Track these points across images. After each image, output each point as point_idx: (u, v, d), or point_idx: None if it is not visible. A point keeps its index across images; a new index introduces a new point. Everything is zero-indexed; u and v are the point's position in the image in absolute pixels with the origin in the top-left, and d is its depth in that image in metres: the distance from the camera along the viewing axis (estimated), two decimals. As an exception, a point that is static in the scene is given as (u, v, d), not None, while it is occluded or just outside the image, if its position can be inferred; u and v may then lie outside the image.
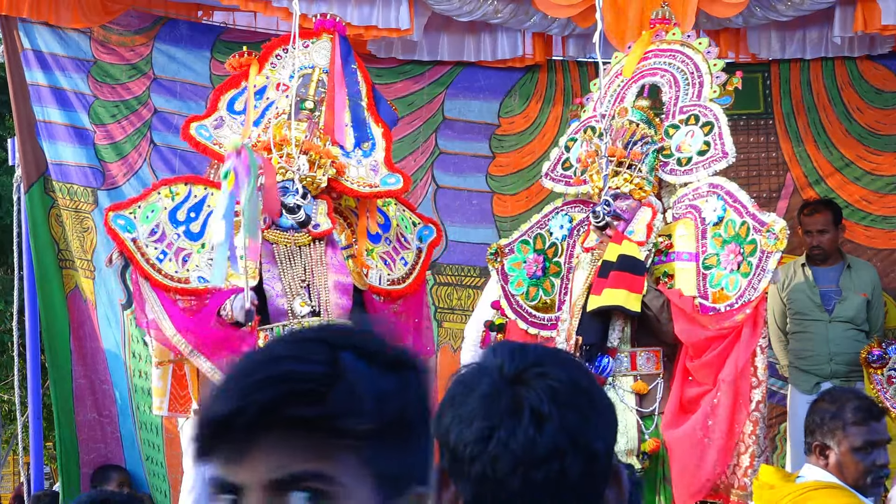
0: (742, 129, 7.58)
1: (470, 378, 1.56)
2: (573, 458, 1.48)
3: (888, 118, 7.46)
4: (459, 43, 7.56)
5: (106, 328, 7.05)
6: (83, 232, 7.09)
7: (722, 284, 5.06)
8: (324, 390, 1.20)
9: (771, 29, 7.35)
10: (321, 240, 5.44)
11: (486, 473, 1.49)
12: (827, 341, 6.72)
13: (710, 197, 5.18)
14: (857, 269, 6.92)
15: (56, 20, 6.99)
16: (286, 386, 1.20)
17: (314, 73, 5.68)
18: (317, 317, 5.29)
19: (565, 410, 1.49)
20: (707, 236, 5.13)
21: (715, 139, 5.35)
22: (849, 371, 6.72)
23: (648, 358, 5.28)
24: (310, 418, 1.19)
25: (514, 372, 1.53)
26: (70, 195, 7.11)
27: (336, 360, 1.23)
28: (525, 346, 1.60)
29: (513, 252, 5.69)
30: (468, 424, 1.51)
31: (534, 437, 1.48)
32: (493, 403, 1.51)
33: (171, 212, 5.33)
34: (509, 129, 7.72)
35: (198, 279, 5.30)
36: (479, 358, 1.60)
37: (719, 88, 5.48)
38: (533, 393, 1.50)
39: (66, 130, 7.15)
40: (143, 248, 5.22)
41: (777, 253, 5.04)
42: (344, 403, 1.20)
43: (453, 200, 7.65)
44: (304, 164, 5.44)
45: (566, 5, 6.57)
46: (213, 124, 5.54)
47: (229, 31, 7.42)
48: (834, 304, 6.81)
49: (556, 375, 1.52)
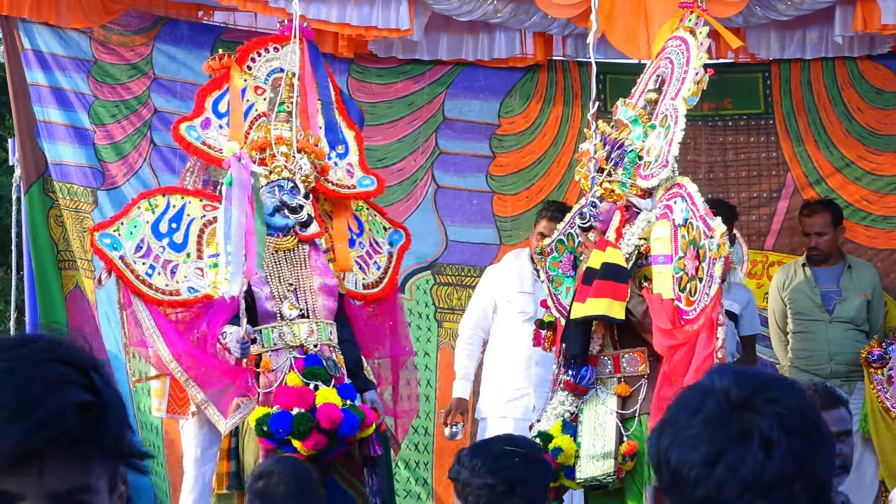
0: (742, 129, 7.59)
1: (694, 401, 1.55)
2: (801, 487, 1.48)
3: (888, 118, 7.45)
4: (460, 43, 7.55)
5: (107, 328, 7.05)
6: (83, 232, 7.09)
7: (687, 289, 5.02)
8: (100, 413, 1.31)
9: (771, 29, 7.34)
10: (305, 243, 5.45)
11: (711, 497, 1.49)
12: (827, 341, 6.73)
13: (678, 198, 5.12)
14: (858, 270, 6.92)
15: (56, 20, 6.98)
16: (75, 417, 1.29)
17: (285, 78, 5.67)
18: (305, 319, 5.30)
19: (794, 438, 1.49)
20: (677, 238, 5.07)
21: (665, 145, 5.16)
22: (849, 371, 6.72)
23: (632, 359, 5.24)
24: (90, 440, 1.30)
25: (742, 397, 1.52)
26: (70, 195, 7.11)
27: (94, 383, 1.33)
28: (748, 370, 1.60)
29: (552, 252, 5.69)
30: (693, 447, 1.51)
31: (763, 463, 1.48)
32: (720, 428, 1.51)
33: (153, 225, 5.31)
34: (510, 128, 7.72)
35: (188, 290, 5.27)
36: (703, 380, 1.59)
37: (693, 86, 5.19)
38: (762, 419, 1.50)
39: (66, 130, 7.14)
40: (131, 265, 5.21)
41: (720, 259, 4.85)
42: (113, 422, 1.33)
43: (453, 200, 7.64)
44: (307, 163, 5.44)
45: (567, 5, 6.57)
46: (200, 124, 5.54)
47: (230, 31, 7.41)
48: (834, 305, 6.81)
49: (785, 402, 1.52)
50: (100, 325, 7.07)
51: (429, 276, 7.55)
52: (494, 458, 3.24)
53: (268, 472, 4.29)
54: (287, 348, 5.27)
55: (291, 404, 5.06)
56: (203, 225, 5.37)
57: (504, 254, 7.12)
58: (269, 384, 5.22)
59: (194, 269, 5.30)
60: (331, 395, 5.12)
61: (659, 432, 1.55)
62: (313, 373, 5.20)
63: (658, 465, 1.55)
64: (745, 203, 7.43)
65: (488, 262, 7.39)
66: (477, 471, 3.21)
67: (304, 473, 4.39)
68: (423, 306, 7.53)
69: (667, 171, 5.13)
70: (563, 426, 5.22)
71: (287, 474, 4.26)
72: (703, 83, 5.20)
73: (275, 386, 5.20)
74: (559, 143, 7.67)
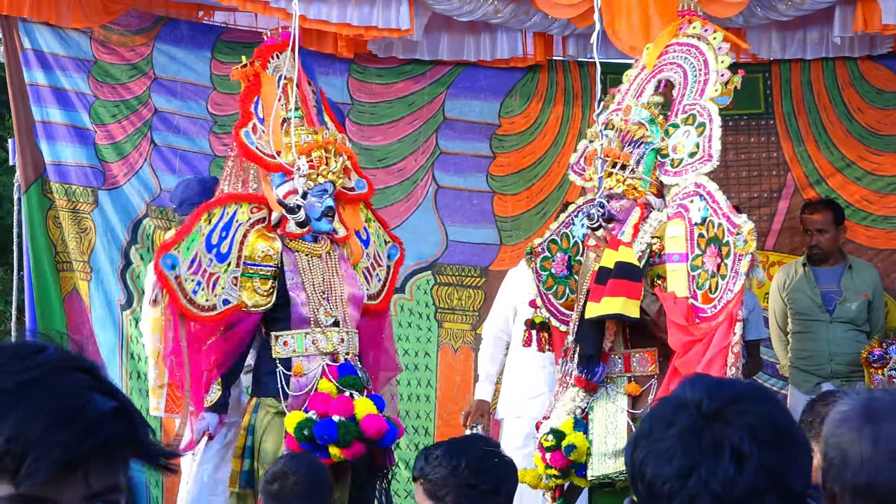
0: (743, 129, 7.58)
1: (668, 413, 1.57)
2: (771, 498, 1.49)
3: (889, 118, 7.44)
4: (460, 43, 7.55)
5: (100, 331, 7.05)
6: (81, 232, 7.09)
7: (706, 287, 5.03)
8: (129, 417, 1.35)
9: (771, 29, 7.34)
10: (335, 250, 5.44)
11: None
12: (828, 341, 6.72)
13: (695, 197, 5.15)
14: (859, 270, 6.92)
15: (56, 20, 6.98)
16: (113, 422, 1.32)
17: (290, 84, 5.64)
18: (337, 326, 5.30)
19: (765, 449, 1.50)
20: (694, 236, 5.10)
21: (704, 141, 5.27)
22: (849, 371, 6.71)
23: (642, 359, 5.26)
24: (128, 443, 1.34)
25: (713, 409, 1.54)
26: (68, 195, 7.11)
27: (112, 387, 1.37)
28: (722, 381, 1.62)
29: (544, 252, 5.69)
30: (667, 461, 1.53)
31: (734, 477, 1.49)
32: (693, 440, 1.53)
33: (206, 236, 5.22)
34: (510, 129, 7.72)
35: (223, 302, 5.20)
36: (676, 391, 1.60)
37: (721, 87, 5.35)
38: (733, 431, 1.51)
39: (67, 130, 7.15)
40: (182, 284, 5.10)
41: (747, 255, 4.91)
42: (140, 423, 1.37)
43: (454, 200, 7.64)
44: (340, 165, 5.42)
45: (566, 5, 6.56)
46: (252, 130, 5.49)
47: (230, 31, 7.42)
48: (835, 305, 6.81)
49: (757, 412, 1.52)
50: (94, 328, 7.06)
51: (429, 276, 7.55)
52: (479, 458, 3.25)
53: (282, 473, 4.26)
54: (319, 355, 5.26)
55: (330, 412, 5.07)
56: (247, 229, 5.32)
57: (504, 254, 7.12)
58: (300, 388, 5.22)
59: (231, 280, 5.25)
60: (369, 406, 5.13)
61: (634, 445, 1.57)
62: (349, 382, 5.21)
63: (633, 478, 1.56)
64: (746, 203, 7.42)
65: (489, 262, 7.40)
66: (459, 470, 3.20)
67: (319, 473, 4.38)
68: (424, 306, 7.53)
69: (710, 166, 5.18)
70: (575, 423, 5.23)
71: (301, 475, 4.25)
72: (733, 83, 5.33)
73: (306, 390, 5.20)
74: (559, 144, 7.67)
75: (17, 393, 1.29)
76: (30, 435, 1.27)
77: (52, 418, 1.28)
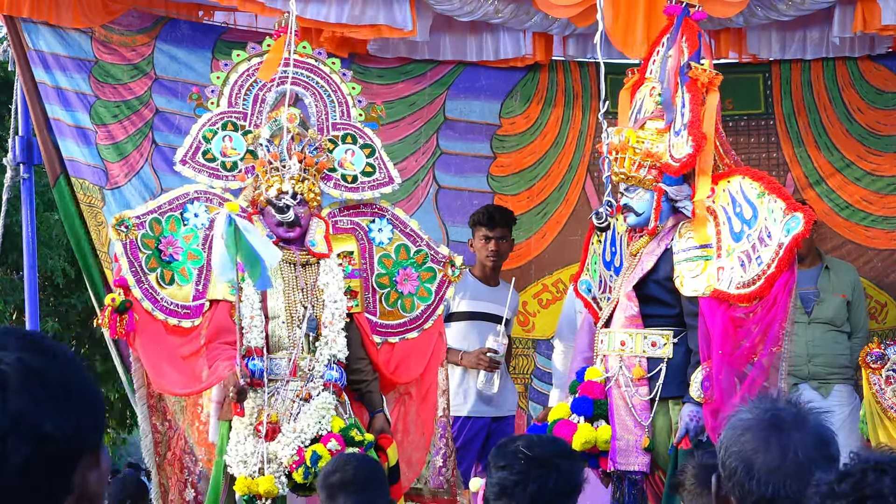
0: (743, 130, 7.59)
1: None
2: (15, 442, 1.44)
3: (889, 119, 7.44)
4: (460, 43, 7.56)
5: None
6: (98, 226, 7.10)
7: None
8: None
9: (771, 29, 7.34)
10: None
11: None
12: (806, 343, 6.70)
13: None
14: (836, 271, 6.91)
15: (56, 20, 6.98)
16: None
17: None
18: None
19: (10, 394, 1.45)
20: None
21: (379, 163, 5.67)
22: (827, 373, 6.73)
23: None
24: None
25: None
26: (83, 190, 7.13)
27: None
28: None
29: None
30: None
31: None
32: None
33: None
34: (510, 129, 7.72)
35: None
36: None
37: (364, 112, 5.84)
38: None
39: (71, 130, 7.16)
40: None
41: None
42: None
43: (454, 201, 7.65)
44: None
45: (566, 5, 6.56)
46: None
47: (230, 31, 7.42)
48: (812, 306, 6.80)
49: (7, 360, 1.47)
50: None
51: (429, 276, 7.54)
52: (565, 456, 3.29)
53: (341, 465, 4.42)
54: None
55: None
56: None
57: (504, 254, 7.11)
58: None
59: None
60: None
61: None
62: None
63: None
64: (746, 203, 7.42)
65: (489, 262, 7.36)
66: (546, 471, 3.21)
67: (374, 464, 4.61)
68: (424, 306, 7.52)
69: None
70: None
71: (359, 464, 4.43)
72: (375, 110, 5.91)
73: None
74: (560, 144, 7.67)
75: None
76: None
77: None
